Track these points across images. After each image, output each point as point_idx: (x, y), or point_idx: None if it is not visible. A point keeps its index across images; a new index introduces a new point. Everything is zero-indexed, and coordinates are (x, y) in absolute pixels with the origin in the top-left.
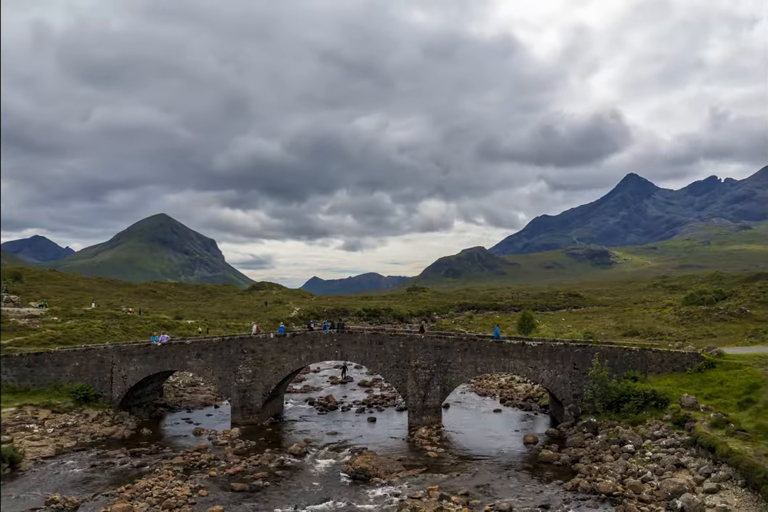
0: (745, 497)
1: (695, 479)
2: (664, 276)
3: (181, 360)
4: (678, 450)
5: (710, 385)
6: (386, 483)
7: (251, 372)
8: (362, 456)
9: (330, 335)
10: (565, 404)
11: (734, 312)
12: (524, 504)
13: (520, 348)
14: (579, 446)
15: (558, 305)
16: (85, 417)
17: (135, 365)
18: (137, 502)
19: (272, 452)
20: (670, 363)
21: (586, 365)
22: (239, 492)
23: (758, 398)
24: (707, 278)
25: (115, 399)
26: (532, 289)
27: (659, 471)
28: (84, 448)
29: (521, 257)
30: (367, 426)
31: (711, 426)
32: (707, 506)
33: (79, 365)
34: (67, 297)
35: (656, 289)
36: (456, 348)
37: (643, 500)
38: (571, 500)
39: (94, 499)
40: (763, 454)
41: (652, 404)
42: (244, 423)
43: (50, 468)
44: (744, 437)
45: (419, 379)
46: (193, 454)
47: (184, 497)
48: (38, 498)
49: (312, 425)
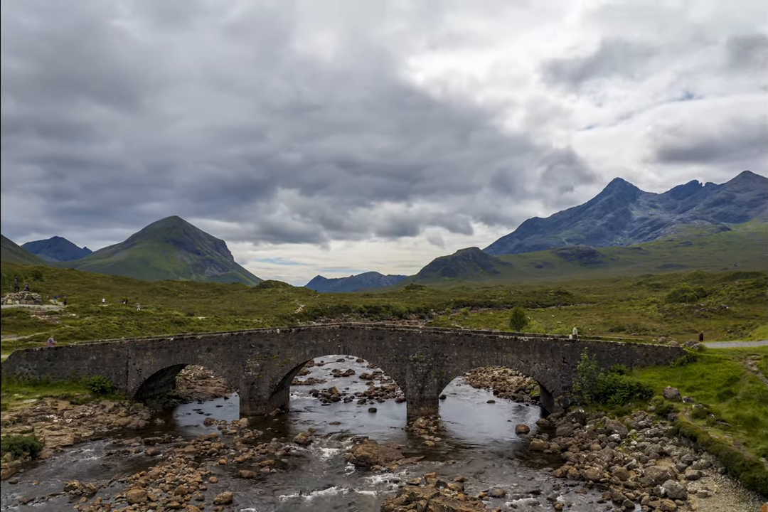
0: (725, 483)
1: (678, 466)
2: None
3: (192, 355)
4: (661, 439)
5: (692, 378)
6: (386, 470)
7: (259, 366)
8: (363, 445)
9: (333, 330)
10: (554, 395)
11: (714, 309)
12: (516, 490)
13: (513, 342)
14: (568, 435)
15: (548, 302)
16: (102, 408)
17: (149, 359)
18: (151, 488)
19: (278, 441)
20: (654, 357)
21: (574, 359)
22: (247, 479)
23: (737, 390)
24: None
25: (130, 391)
26: (523, 287)
27: (644, 459)
28: (101, 437)
29: (513, 257)
30: (368, 417)
31: (692, 416)
32: (689, 492)
33: (96, 359)
34: (85, 295)
35: (641, 287)
36: (452, 342)
37: (629, 486)
38: (561, 486)
39: (111, 485)
40: (742, 443)
41: (637, 396)
42: (252, 414)
43: (69, 456)
44: (724, 427)
45: (417, 372)
46: (204, 443)
47: (196, 483)
48: (58, 485)
49: (316, 415)
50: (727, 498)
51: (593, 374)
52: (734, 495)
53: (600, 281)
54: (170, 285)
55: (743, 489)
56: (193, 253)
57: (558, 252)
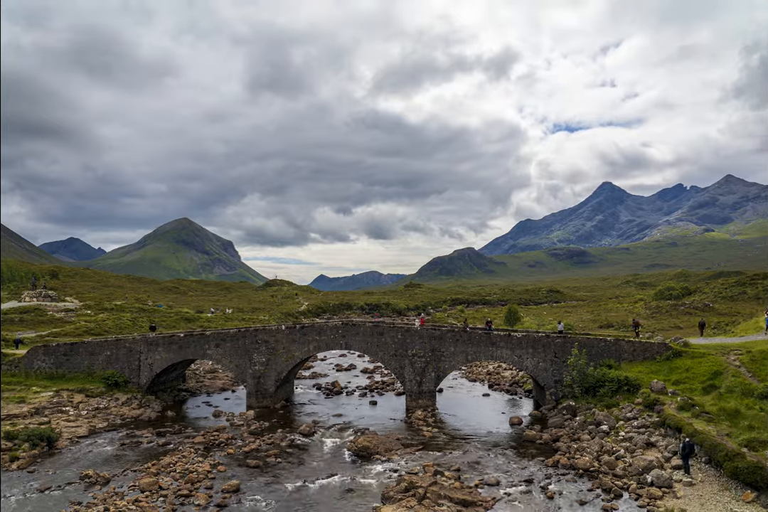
0: (709, 472)
1: (664, 456)
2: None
3: (201, 350)
4: (648, 431)
5: (677, 372)
6: (386, 459)
7: (265, 361)
8: (364, 436)
9: (335, 327)
10: (546, 389)
11: (698, 307)
12: (510, 479)
13: (507, 338)
14: (559, 427)
15: (540, 300)
16: (116, 401)
17: (160, 354)
18: (162, 477)
19: (284, 432)
20: (641, 352)
21: (565, 354)
22: (254, 468)
23: (720, 384)
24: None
25: (142, 384)
26: (517, 286)
27: (631, 450)
28: (114, 429)
29: (507, 257)
30: (368, 409)
31: (678, 409)
32: (674, 480)
33: (110, 354)
34: (99, 293)
35: (629, 286)
36: (449, 338)
37: (617, 475)
38: (552, 475)
39: (124, 474)
40: (725, 434)
41: (625, 389)
42: (258, 406)
43: (84, 447)
44: (708, 419)
45: (416, 367)
46: (213, 434)
47: (205, 472)
48: (74, 473)
49: (319, 408)
50: (711, 487)
51: (583, 368)
52: (717, 484)
53: (590, 280)
54: (180, 284)
55: (726, 478)
56: (202, 253)
57: (550, 252)
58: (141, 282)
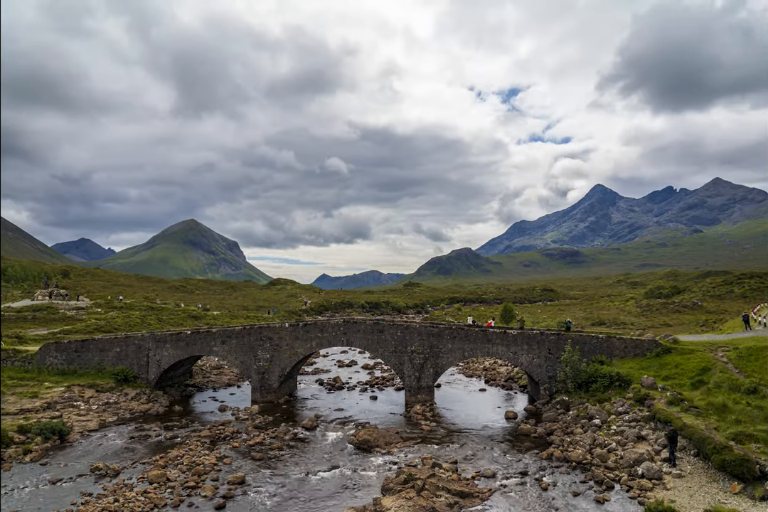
0: (698, 465)
1: (654, 449)
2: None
3: (207, 347)
4: (639, 424)
5: (667, 368)
6: (386, 452)
7: (269, 357)
8: (365, 430)
9: (337, 324)
10: (541, 384)
11: (688, 305)
12: (505, 471)
13: (502, 335)
14: (553, 421)
15: (535, 298)
16: (125, 396)
17: (168, 350)
18: (170, 469)
19: (287, 426)
20: (632, 348)
21: (559, 350)
22: (259, 461)
23: (709, 379)
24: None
25: (150, 380)
26: (512, 285)
27: (623, 443)
28: (124, 423)
29: (503, 257)
30: (369, 404)
31: (668, 403)
32: (664, 472)
33: (120, 351)
34: (109, 292)
35: (620, 285)
36: (446, 335)
37: (609, 467)
38: (547, 467)
39: (133, 467)
40: (713, 428)
41: (617, 384)
42: (262, 401)
43: (95, 440)
44: (696, 413)
45: (414, 363)
46: (219, 428)
47: (211, 465)
48: (84, 466)
49: (321, 402)
50: (700, 479)
51: (576, 364)
52: (706, 476)
53: (582, 279)
54: (187, 283)
55: (714, 470)
56: (208, 253)
57: (544, 252)
58: (149, 281)
